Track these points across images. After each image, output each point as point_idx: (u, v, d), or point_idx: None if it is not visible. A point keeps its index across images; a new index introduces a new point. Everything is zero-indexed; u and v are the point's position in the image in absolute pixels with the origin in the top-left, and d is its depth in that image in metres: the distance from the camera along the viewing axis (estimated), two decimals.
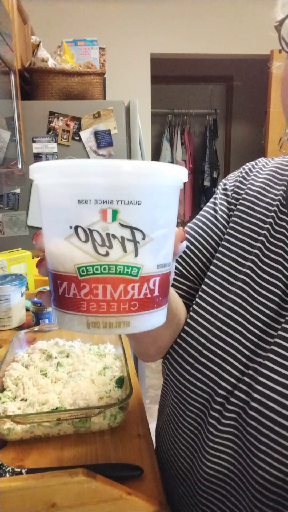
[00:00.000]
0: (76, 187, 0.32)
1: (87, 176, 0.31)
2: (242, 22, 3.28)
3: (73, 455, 0.63)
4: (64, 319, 0.35)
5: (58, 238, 0.33)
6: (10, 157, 1.45)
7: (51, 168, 0.33)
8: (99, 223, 0.32)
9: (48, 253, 0.35)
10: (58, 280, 0.34)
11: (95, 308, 0.33)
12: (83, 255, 0.32)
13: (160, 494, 0.55)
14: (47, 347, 0.90)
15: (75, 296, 0.33)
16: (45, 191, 0.34)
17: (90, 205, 0.31)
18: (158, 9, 3.17)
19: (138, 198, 0.32)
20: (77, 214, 0.32)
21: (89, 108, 2.02)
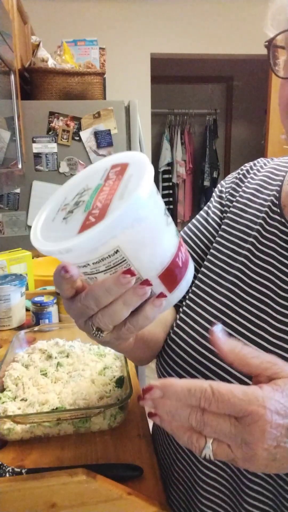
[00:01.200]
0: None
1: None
2: (242, 22, 3.28)
3: (73, 455, 0.63)
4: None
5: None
6: (10, 157, 1.45)
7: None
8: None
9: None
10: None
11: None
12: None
13: (160, 494, 0.55)
14: (47, 347, 0.90)
15: None
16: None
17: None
18: (158, 9, 3.17)
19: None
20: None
21: (89, 108, 2.02)
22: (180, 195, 4.24)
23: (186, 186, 4.26)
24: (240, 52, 3.34)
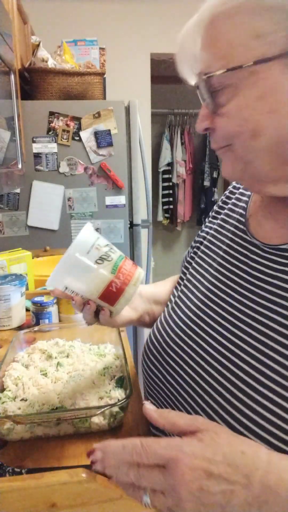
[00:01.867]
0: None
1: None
2: None
3: (73, 455, 0.63)
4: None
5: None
6: (10, 157, 1.45)
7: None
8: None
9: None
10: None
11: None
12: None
13: None
14: (47, 347, 0.90)
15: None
16: None
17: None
18: (158, 9, 3.17)
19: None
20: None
21: (89, 108, 2.02)
22: (180, 195, 4.23)
23: (186, 186, 4.26)
24: None
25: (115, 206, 2.13)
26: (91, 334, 0.97)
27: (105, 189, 2.11)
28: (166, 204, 4.27)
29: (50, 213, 2.10)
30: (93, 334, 0.97)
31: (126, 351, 0.88)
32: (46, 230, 2.11)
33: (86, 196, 2.11)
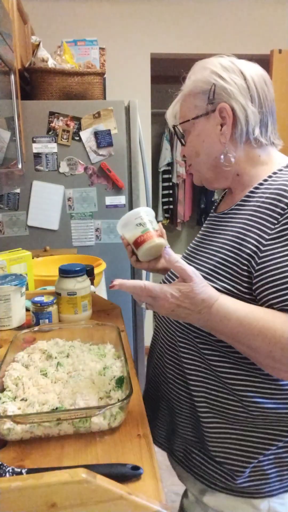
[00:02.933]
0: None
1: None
2: (242, 22, 3.28)
3: (73, 455, 0.63)
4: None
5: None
6: (10, 157, 1.45)
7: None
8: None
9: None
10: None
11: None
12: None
13: (160, 494, 0.56)
14: (47, 347, 0.90)
15: None
16: None
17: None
18: (158, 9, 3.17)
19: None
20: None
21: (89, 108, 2.02)
22: (180, 195, 4.23)
23: (186, 186, 4.26)
24: (240, 52, 3.34)
25: (115, 206, 2.13)
26: (91, 334, 0.97)
27: (105, 189, 2.11)
28: (166, 204, 4.27)
29: (50, 213, 2.10)
30: (93, 334, 0.97)
31: (126, 351, 0.88)
32: (46, 230, 2.11)
33: (86, 196, 2.11)
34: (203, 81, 0.80)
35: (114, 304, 1.26)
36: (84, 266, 1.14)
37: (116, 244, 2.16)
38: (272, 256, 0.68)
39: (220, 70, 0.80)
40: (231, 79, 0.78)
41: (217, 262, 0.77)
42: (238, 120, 0.78)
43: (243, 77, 0.79)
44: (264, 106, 0.79)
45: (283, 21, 3.29)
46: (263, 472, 0.76)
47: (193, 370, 0.80)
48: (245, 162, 0.81)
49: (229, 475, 0.77)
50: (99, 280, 1.59)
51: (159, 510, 0.52)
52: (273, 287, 0.67)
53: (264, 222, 0.72)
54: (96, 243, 2.16)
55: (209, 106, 0.80)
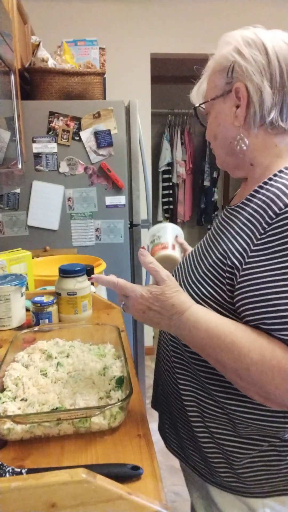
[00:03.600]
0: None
1: None
2: (242, 22, 3.28)
3: (73, 455, 0.63)
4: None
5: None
6: (10, 157, 1.45)
7: None
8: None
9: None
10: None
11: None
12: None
13: (160, 494, 0.56)
14: (47, 347, 0.90)
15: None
16: None
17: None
18: (158, 9, 3.17)
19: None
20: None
21: (89, 108, 2.02)
22: (180, 195, 4.24)
23: (186, 186, 4.26)
24: None
25: (115, 206, 2.13)
26: (91, 334, 0.97)
27: (105, 189, 2.11)
28: (166, 204, 4.27)
29: (50, 213, 2.10)
30: (93, 334, 0.97)
31: (126, 351, 0.88)
32: (46, 230, 2.12)
33: (86, 196, 2.11)
34: (224, 57, 0.74)
35: (114, 304, 1.26)
36: (84, 266, 1.14)
37: (116, 244, 2.16)
38: (254, 270, 0.63)
39: (242, 45, 0.72)
40: (250, 55, 0.71)
41: (209, 265, 0.73)
42: (252, 101, 0.71)
43: (265, 52, 0.70)
44: (287, 86, 0.70)
45: (283, 21, 3.29)
46: (253, 474, 0.75)
47: (182, 375, 0.79)
48: (259, 151, 0.74)
49: (218, 472, 0.77)
50: None
51: (159, 510, 0.52)
52: (250, 303, 0.63)
53: (254, 229, 0.66)
54: (96, 243, 2.16)
55: (227, 86, 0.74)
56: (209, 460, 0.77)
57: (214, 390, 0.74)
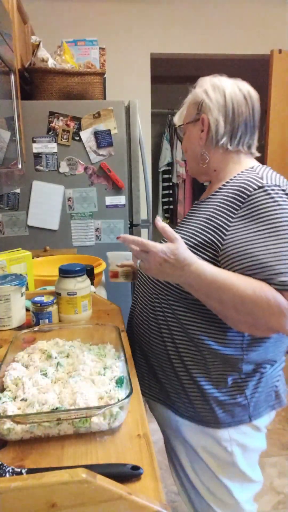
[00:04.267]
0: None
1: None
2: (242, 22, 3.28)
3: (73, 455, 0.63)
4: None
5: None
6: (10, 157, 1.45)
7: None
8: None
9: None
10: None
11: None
12: None
13: (160, 494, 0.56)
14: (47, 347, 0.90)
15: None
16: None
17: None
18: (158, 9, 3.17)
19: None
20: None
21: (89, 108, 2.02)
22: (180, 195, 4.24)
23: (186, 186, 4.26)
24: (240, 52, 3.34)
25: (115, 206, 2.13)
26: (91, 334, 0.97)
27: (105, 189, 2.11)
28: (166, 204, 4.27)
29: (50, 213, 2.10)
30: (93, 334, 0.97)
31: (126, 351, 0.88)
32: (46, 230, 2.12)
33: (86, 196, 2.11)
34: (198, 95, 1.02)
35: (114, 304, 1.26)
36: (84, 266, 1.14)
37: (116, 244, 2.16)
38: (237, 233, 0.87)
39: (210, 89, 1.01)
40: (214, 97, 0.99)
41: (190, 237, 0.95)
42: (210, 129, 1.00)
43: (224, 95, 0.98)
44: (236, 121, 0.98)
45: (283, 21, 3.29)
46: (221, 406, 0.97)
47: (164, 321, 1.00)
48: (220, 162, 1.02)
49: (194, 406, 0.98)
50: (99, 280, 1.59)
51: (159, 510, 0.52)
52: (237, 256, 0.85)
53: (229, 208, 0.91)
54: (96, 243, 2.16)
55: (197, 115, 1.03)
56: (189, 396, 0.99)
57: (190, 330, 0.96)
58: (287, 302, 0.80)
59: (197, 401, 0.97)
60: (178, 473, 1.10)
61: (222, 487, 1.01)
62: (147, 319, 1.05)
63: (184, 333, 0.97)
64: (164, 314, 1.00)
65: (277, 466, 2.02)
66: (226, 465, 1.00)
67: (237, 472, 1.01)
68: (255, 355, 0.95)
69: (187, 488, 1.08)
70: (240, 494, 1.02)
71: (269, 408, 1.02)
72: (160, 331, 1.01)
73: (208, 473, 1.01)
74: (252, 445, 1.01)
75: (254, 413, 0.99)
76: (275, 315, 0.80)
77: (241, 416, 0.98)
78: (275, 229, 0.83)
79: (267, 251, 0.82)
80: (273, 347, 0.97)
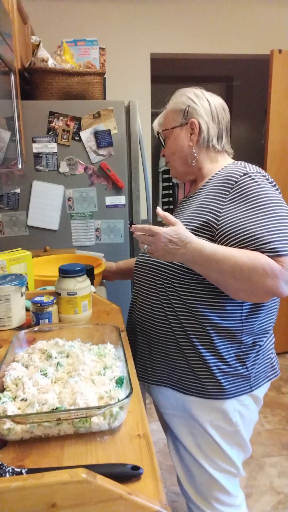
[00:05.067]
0: None
1: None
2: (242, 22, 3.28)
3: (73, 455, 0.63)
4: None
5: None
6: (10, 157, 1.45)
7: None
8: None
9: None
10: None
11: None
12: None
13: (160, 494, 0.56)
14: (47, 347, 0.90)
15: None
16: None
17: None
18: (158, 9, 3.17)
19: None
20: None
21: (89, 108, 2.02)
22: (180, 195, 4.24)
23: (186, 186, 4.26)
24: (240, 52, 3.34)
25: (115, 206, 2.13)
26: (91, 334, 0.97)
27: (105, 189, 2.11)
28: (166, 204, 4.27)
29: (50, 213, 2.10)
30: (93, 334, 0.97)
31: (126, 351, 0.88)
32: (46, 230, 2.11)
33: (86, 196, 2.11)
34: (181, 102, 1.16)
35: (114, 304, 1.26)
36: (84, 266, 1.14)
37: (116, 244, 2.16)
38: (229, 213, 1.00)
39: (194, 96, 1.15)
40: (200, 103, 1.14)
41: (189, 222, 1.07)
42: (202, 132, 1.14)
43: (208, 103, 1.15)
44: (220, 125, 1.16)
45: (283, 21, 3.29)
46: (226, 377, 1.06)
47: (169, 304, 1.09)
48: (205, 161, 1.17)
49: (201, 380, 1.06)
50: (99, 280, 1.59)
51: (159, 510, 0.52)
52: (232, 232, 0.97)
53: (220, 194, 1.04)
54: (96, 243, 2.16)
55: (183, 120, 1.16)
56: (195, 372, 1.07)
57: (193, 306, 1.05)
58: (279, 266, 0.91)
59: (203, 376, 1.06)
60: (179, 453, 1.17)
61: (227, 457, 1.11)
62: (150, 306, 1.13)
63: (189, 312, 1.06)
64: (169, 297, 1.09)
65: (277, 466, 2.02)
66: (230, 435, 1.11)
67: (240, 441, 1.12)
68: (252, 326, 1.07)
69: (190, 468, 1.15)
70: (239, 462, 1.15)
71: (267, 379, 1.14)
72: (166, 314, 1.10)
73: (213, 446, 1.10)
74: (250, 416, 1.13)
75: (254, 384, 1.10)
76: (269, 277, 0.91)
77: (244, 387, 1.08)
78: (262, 207, 0.97)
79: (257, 225, 0.95)
80: (266, 317, 1.09)
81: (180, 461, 1.17)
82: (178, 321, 1.08)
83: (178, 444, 1.16)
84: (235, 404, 1.08)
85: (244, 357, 1.08)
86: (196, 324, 1.06)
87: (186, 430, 1.13)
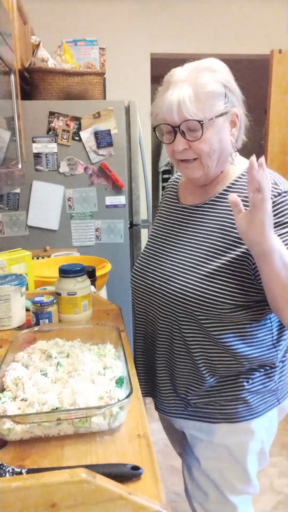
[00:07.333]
0: None
1: None
2: (242, 23, 3.28)
3: (73, 455, 0.63)
4: None
5: None
6: (10, 157, 1.45)
7: None
8: None
9: None
10: None
11: None
12: None
13: (160, 494, 0.55)
14: (47, 347, 0.90)
15: None
16: None
17: None
18: (158, 9, 3.17)
19: None
20: None
21: (89, 108, 2.02)
22: None
23: None
24: (240, 52, 3.34)
25: (115, 206, 2.13)
26: (91, 334, 0.97)
27: (105, 189, 2.11)
28: None
29: (50, 213, 2.10)
30: (93, 334, 0.97)
31: (126, 351, 0.88)
32: (46, 230, 2.12)
33: (86, 196, 2.11)
34: (218, 82, 0.89)
35: (114, 304, 1.26)
36: (84, 266, 1.14)
37: (116, 244, 2.16)
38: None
39: (230, 78, 0.92)
40: (235, 89, 0.92)
41: (208, 247, 0.92)
42: (240, 125, 0.94)
43: (236, 86, 0.94)
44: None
45: (283, 21, 3.29)
46: (255, 396, 0.98)
47: (192, 336, 0.95)
48: (228, 161, 0.96)
49: (228, 406, 0.97)
50: (103, 282, 1.58)
51: (159, 510, 0.52)
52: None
53: None
54: (96, 243, 2.16)
55: (225, 108, 0.89)
56: (222, 400, 0.97)
57: (223, 342, 0.92)
58: None
59: (232, 401, 0.97)
60: (194, 475, 1.07)
61: (248, 479, 1.03)
62: (170, 342, 1.00)
63: (219, 348, 0.94)
64: (194, 333, 0.95)
65: (277, 466, 2.02)
66: (256, 454, 1.03)
67: (262, 458, 1.05)
68: (280, 343, 0.99)
69: (205, 490, 1.06)
70: (256, 479, 1.06)
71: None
72: (189, 351, 0.97)
73: (237, 470, 1.02)
74: (273, 428, 1.05)
75: (281, 395, 1.03)
76: None
77: (272, 401, 1.01)
78: None
79: None
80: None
81: (193, 482, 1.08)
82: (206, 360, 0.97)
83: (196, 467, 1.06)
84: (262, 421, 1.00)
85: (271, 372, 1.00)
86: (227, 359, 0.95)
87: (210, 454, 1.03)
